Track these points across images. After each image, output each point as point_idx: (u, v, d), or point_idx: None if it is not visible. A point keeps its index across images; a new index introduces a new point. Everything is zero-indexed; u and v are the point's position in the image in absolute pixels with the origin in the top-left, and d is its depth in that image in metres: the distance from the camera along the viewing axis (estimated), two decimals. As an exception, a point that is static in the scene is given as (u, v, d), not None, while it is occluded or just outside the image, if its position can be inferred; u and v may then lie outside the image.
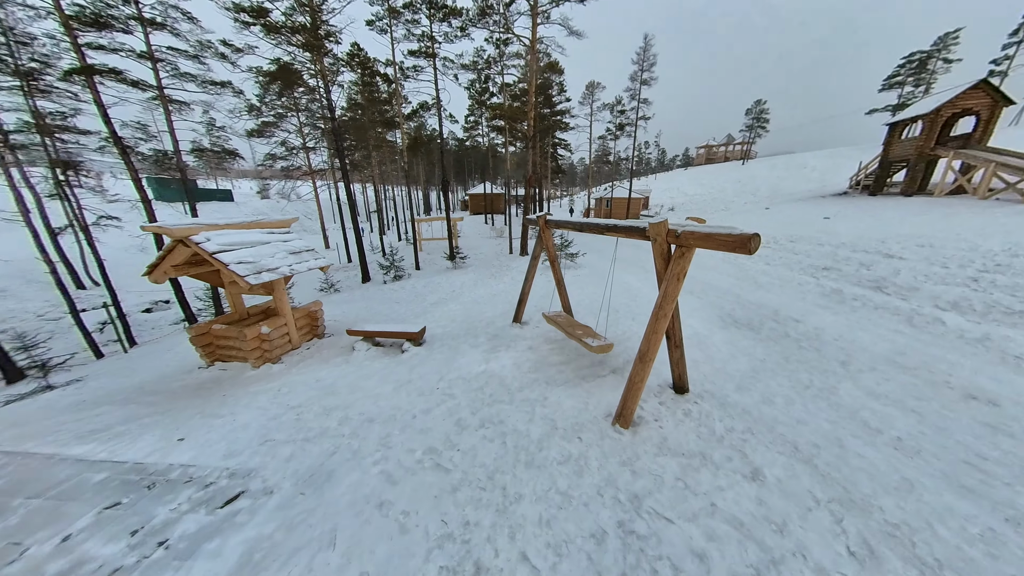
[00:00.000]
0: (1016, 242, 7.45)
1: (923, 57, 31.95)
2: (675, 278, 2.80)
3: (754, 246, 2.25)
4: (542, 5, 12.44)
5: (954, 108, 14.04)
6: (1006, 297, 5.54)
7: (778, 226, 13.36)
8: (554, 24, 12.69)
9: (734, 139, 51.56)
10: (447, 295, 9.02)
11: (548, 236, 5.09)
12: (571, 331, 4.26)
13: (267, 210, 38.97)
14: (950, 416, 3.20)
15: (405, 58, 14.58)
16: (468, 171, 53.88)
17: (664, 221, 2.82)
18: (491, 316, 6.55)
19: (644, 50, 20.44)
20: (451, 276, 12.20)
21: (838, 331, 5.08)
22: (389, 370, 4.60)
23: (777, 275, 8.26)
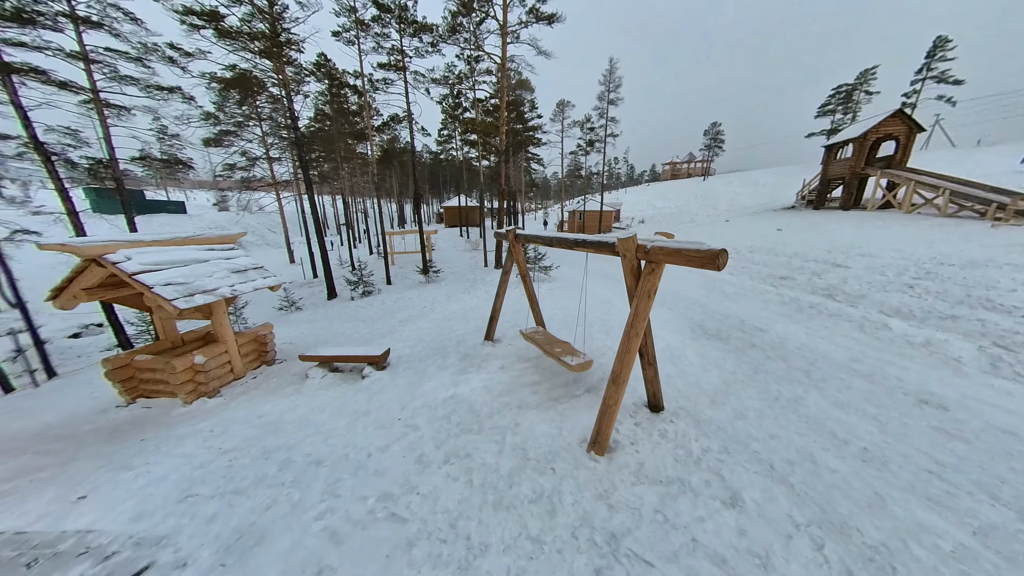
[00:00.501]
0: (940, 251, 8.25)
1: (848, 89, 36.22)
2: (646, 295, 2.70)
3: (722, 262, 2.19)
4: (511, 25, 12.76)
5: (878, 133, 15.80)
6: (939, 302, 6.03)
7: (739, 237, 14.16)
8: (523, 44, 13.03)
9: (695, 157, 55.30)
10: (417, 311, 8.60)
11: (518, 250, 4.94)
12: (549, 349, 4.07)
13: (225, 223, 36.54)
14: (908, 423, 3.29)
15: (375, 70, 14.37)
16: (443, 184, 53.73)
17: (633, 236, 2.74)
18: (462, 333, 6.25)
19: (610, 72, 21.57)
20: (423, 291, 11.76)
21: (800, 340, 5.25)
22: (346, 400, 4.16)
23: (741, 285, 8.61)
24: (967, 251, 7.92)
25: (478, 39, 13.18)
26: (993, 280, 6.45)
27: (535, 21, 12.70)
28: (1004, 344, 4.58)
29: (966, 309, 5.65)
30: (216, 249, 4.85)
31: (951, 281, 6.67)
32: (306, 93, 16.73)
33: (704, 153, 50.03)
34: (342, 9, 12.54)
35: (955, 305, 5.85)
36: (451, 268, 17.41)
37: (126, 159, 11.44)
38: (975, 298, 5.90)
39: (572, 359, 3.69)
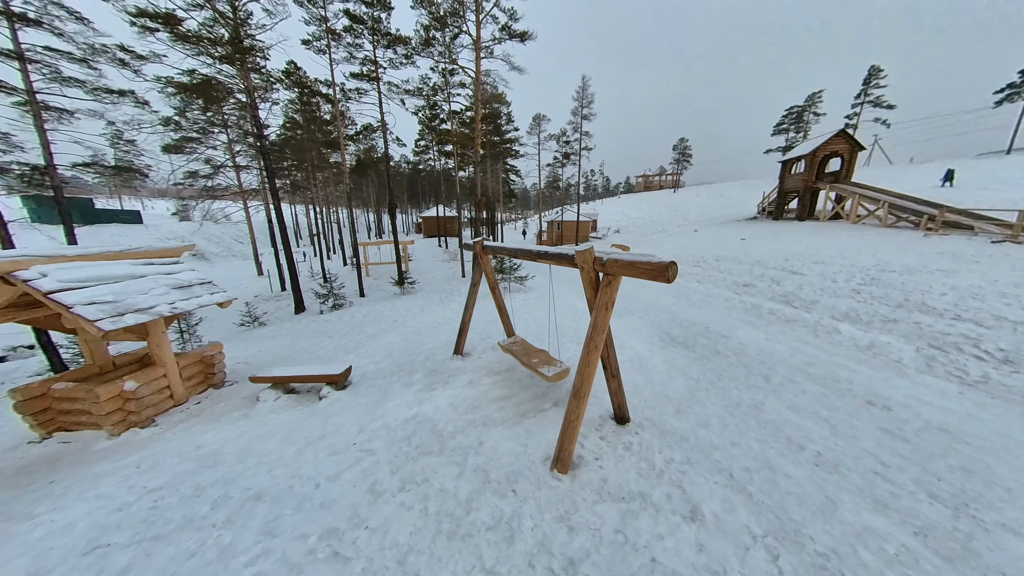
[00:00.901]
0: (882, 259, 8.95)
1: (799, 110, 39.53)
2: (604, 307, 2.69)
3: (671, 274, 2.21)
4: (485, 41, 13.03)
5: (825, 151, 17.20)
6: (882, 307, 6.47)
7: (707, 247, 14.81)
8: (497, 59, 13.31)
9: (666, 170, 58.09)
10: (388, 325, 8.30)
11: (486, 261, 4.88)
12: (526, 360, 3.98)
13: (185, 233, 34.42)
14: (856, 424, 3.43)
15: (347, 80, 14.18)
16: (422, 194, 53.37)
17: (590, 249, 2.73)
18: (433, 347, 6.05)
19: (583, 89, 22.43)
20: (397, 303, 11.43)
21: (760, 345, 5.45)
22: (298, 424, 3.87)
23: (707, 292, 8.93)
24: (904, 258, 8.63)
25: (452, 53, 13.34)
26: (927, 285, 7.03)
27: (508, 38, 13.04)
28: (937, 345, 4.95)
29: (905, 312, 6.09)
30: (156, 263, 4.46)
31: (892, 287, 7.22)
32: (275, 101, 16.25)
33: (674, 166, 52.66)
34: (312, 18, 12.37)
35: (895, 309, 6.30)
36: (427, 279, 17.09)
37: (67, 165, 10.57)
38: (912, 302, 6.38)
39: (549, 369, 3.62)
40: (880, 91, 34.50)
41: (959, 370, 4.25)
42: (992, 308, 5.75)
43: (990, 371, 4.14)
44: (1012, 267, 7.51)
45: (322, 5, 12.20)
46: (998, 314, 5.52)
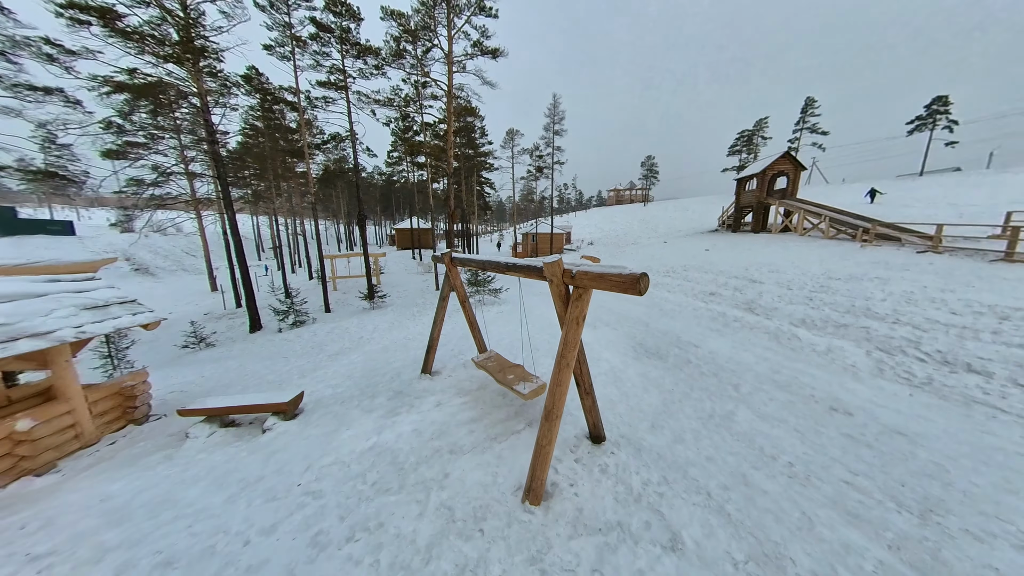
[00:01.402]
0: (828, 268, 9.65)
1: (749, 134, 43.35)
2: (575, 322, 2.54)
3: (643, 287, 2.10)
4: (457, 56, 13.12)
5: (773, 170, 18.75)
6: (833, 312, 6.89)
7: (676, 257, 15.44)
8: (469, 73, 13.43)
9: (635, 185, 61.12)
10: (352, 343, 7.75)
11: (455, 274, 4.64)
12: (501, 377, 3.73)
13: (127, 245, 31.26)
14: (822, 431, 3.48)
15: (313, 88, 13.69)
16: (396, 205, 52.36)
17: (558, 260, 2.60)
18: (400, 366, 5.64)
19: (554, 106, 23.22)
20: (365, 319, 10.79)
21: (728, 354, 5.56)
22: (234, 464, 3.35)
23: (678, 302, 9.18)
24: (847, 267, 9.36)
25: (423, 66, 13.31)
26: (869, 291, 7.61)
27: (480, 54, 13.23)
28: (884, 348, 5.27)
29: (852, 318, 6.50)
30: (63, 280, 3.82)
31: (839, 293, 7.74)
32: (233, 106, 15.36)
33: (643, 182, 55.52)
34: (275, 24, 11.90)
35: (844, 314, 6.72)
36: (400, 292, 16.46)
37: (-28, 169, 9.24)
38: (858, 308, 6.85)
39: (525, 386, 3.39)
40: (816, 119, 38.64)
41: (907, 372, 4.51)
42: (925, 312, 6.27)
43: (932, 373, 4.43)
44: (936, 274, 8.34)
45: (286, 11, 11.80)
46: (931, 318, 6.02)
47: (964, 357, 4.67)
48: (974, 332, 5.34)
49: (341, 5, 12.25)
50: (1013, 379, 4.06)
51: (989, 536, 2.23)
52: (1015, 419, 3.44)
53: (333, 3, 11.94)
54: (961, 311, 6.16)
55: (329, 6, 12.04)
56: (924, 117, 35.21)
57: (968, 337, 5.21)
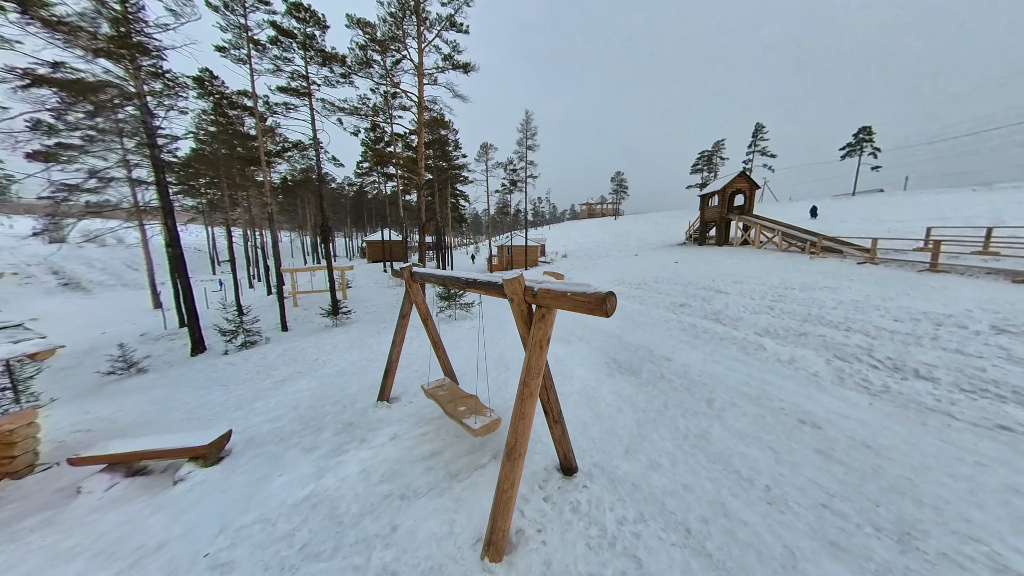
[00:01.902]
0: (784, 278, 10.19)
1: (709, 154, 46.71)
2: (538, 346, 2.27)
3: (610, 307, 1.88)
4: (428, 69, 13.03)
5: (732, 188, 20.06)
6: (792, 321, 7.15)
7: (648, 270, 15.84)
8: (441, 86, 13.35)
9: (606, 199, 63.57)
10: (306, 365, 7.02)
11: (416, 290, 4.27)
12: (452, 408, 3.34)
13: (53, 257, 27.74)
14: (794, 447, 3.40)
15: (273, 93, 12.98)
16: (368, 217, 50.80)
17: (519, 277, 2.34)
18: (355, 392, 5.09)
19: (527, 122, 23.74)
20: (325, 337, 9.97)
21: (699, 366, 5.53)
22: (130, 529, 2.70)
23: (649, 314, 9.24)
24: (800, 278, 9.93)
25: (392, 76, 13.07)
26: (821, 300, 8.03)
27: (451, 68, 13.22)
28: (841, 356, 5.46)
29: (810, 326, 6.77)
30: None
31: (796, 302, 8.12)
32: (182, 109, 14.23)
33: (613, 196, 57.86)
34: (229, 25, 11.22)
35: (803, 323, 7.00)
36: (368, 308, 15.56)
37: None
38: (814, 316, 7.16)
39: (476, 420, 3.03)
40: (765, 143, 42.40)
41: (864, 380, 4.64)
42: (871, 319, 6.65)
43: (887, 380, 4.58)
44: (876, 283, 9.02)
45: (242, 13, 11.18)
46: (878, 325, 6.37)
47: (911, 363, 4.90)
48: (916, 338, 5.68)
49: (305, 11, 11.83)
50: (957, 384, 4.26)
51: (967, 560, 2.14)
52: (966, 426, 3.55)
53: (296, 8, 11.50)
54: (902, 318, 6.59)
55: (291, 11, 11.58)
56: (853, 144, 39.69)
57: (911, 343, 5.52)
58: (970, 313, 6.24)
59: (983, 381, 4.23)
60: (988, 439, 3.33)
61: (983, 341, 5.21)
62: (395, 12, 11.26)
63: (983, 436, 3.38)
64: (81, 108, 12.69)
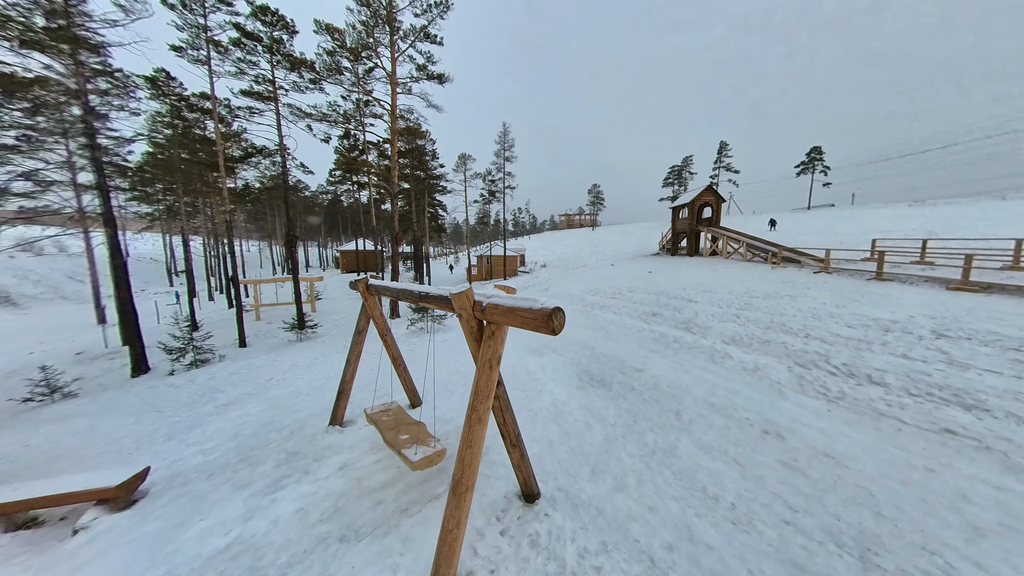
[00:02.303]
0: (749, 287, 10.61)
1: (678, 168, 49.16)
2: (487, 365, 2.08)
3: (556, 324, 1.73)
4: (402, 78, 12.92)
5: (700, 201, 21.02)
6: (756, 329, 7.37)
7: (622, 279, 16.11)
8: (415, 96, 13.25)
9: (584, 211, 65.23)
10: (257, 386, 6.45)
11: (372, 304, 4.00)
12: (393, 436, 3.06)
13: (-25, 271, 24.91)
14: (759, 459, 3.36)
15: (236, 96, 12.39)
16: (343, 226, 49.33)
17: (467, 291, 2.16)
18: (306, 415, 4.67)
19: (504, 135, 24.04)
20: (284, 354, 9.30)
21: (669, 377, 5.51)
22: (-11, 604, 2.22)
23: (622, 324, 9.30)
24: (763, 286, 10.37)
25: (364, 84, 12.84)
26: (782, 308, 8.37)
27: (425, 79, 13.18)
28: (801, 363, 5.62)
29: (773, 333, 6.99)
30: None
31: (760, 310, 8.42)
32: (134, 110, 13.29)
33: (590, 208, 59.44)
34: (186, 24, 10.66)
35: (766, 330, 7.22)
36: (337, 320, 14.83)
37: None
38: (776, 324, 7.43)
39: (416, 451, 2.77)
40: (729, 159, 45.20)
41: (823, 387, 4.76)
42: (827, 326, 6.96)
43: (843, 386, 4.72)
44: (831, 291, 9.55)
45: (201, 13, 10.68)
46: (833, 331, 6.67)
47: (864, 369, 5.10)
48: (867, 344, 5.96)
49: (272, 15, 11.48)
50: (906, 389, 4.44)
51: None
52: (915, 430, 3.66)
53: (262, 11, 11.12)
54: (854, 324, 6.94)
55: (257, 14, 11.19)
56: (806, 162, 43.05)
57: (864, 349, 5.78)
58: (913, 319, 6.66)
59: (928, 385, 4.44)
60: (936, 443, 3.44)
61: (926, 346, 5.54)
62: (366, 20, 11.13)
63: (931, 440, 3.49)
64: (16, 105, 11.57)
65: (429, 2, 11.18)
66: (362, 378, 5.43)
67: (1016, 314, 6.41)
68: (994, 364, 4.71)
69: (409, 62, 12.88)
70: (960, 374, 4.57)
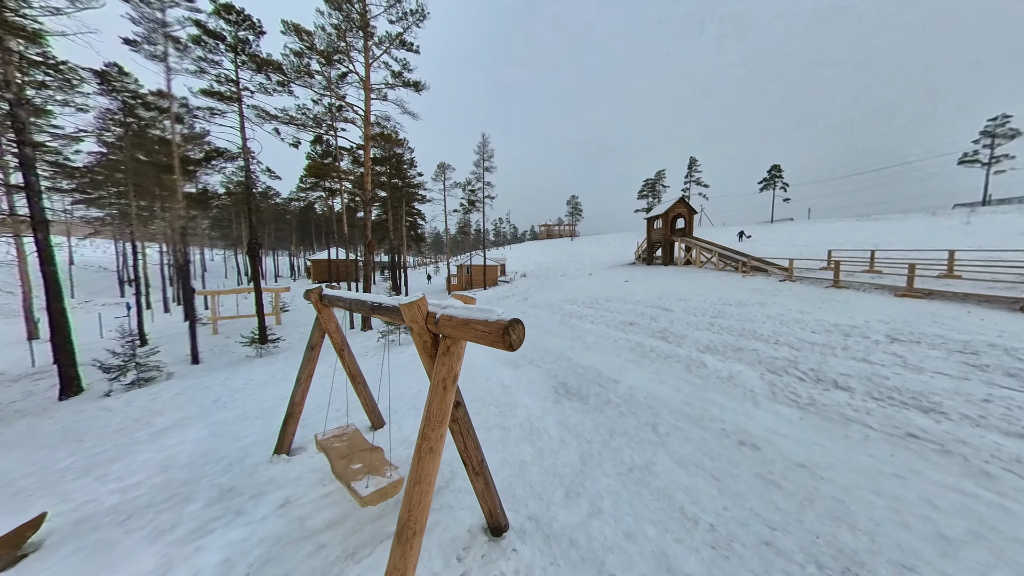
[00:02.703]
0: (722, 295, 10.92)
1: (652, 182, 51.27)
2: (441, 386, 1.84)
3: (515, 339, 1.53)
4: (377, 84, 12.67)
5: (673, 212, 21.82)
6: (729, 336, 7.50)
7: (600, 288, 16.25)
8: (391, 102, 13.01)
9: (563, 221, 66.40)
10: (202, 409, 5.79)
11: (326, 316, 3.65)
12: (343, 466, 2.71)
13: None
14: (736, 474, 3.26)
15: (196, 96, 11.67)
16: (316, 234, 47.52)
17: (419, 301, 1.93)
18: (251, 443, 4.17)
19: (483, 145, 24.15)
20: (239, 371, 8.54)
21: (646, 388, 5.42)
22: None
23: (600, 334, 9.25)
24: (735, 294, 10.70)
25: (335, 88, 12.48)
26: (753, 315, 8.62)
27: (401, 86, 13.00)
28: (772, 369, 5.70)
29: (745, 340, 7.12)
30: None
31: (732, 318, 8.62)
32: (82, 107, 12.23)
33: (569, 218, 60.61)
34: (141, 17, 9.99)
35: (738, 337, 7.36)
36: (303, 334, 13.95)
37: None
38: (748, 331, 7.59)
39: (368, 483, 2.45)
40: (699, 174, 47.66)
41: (794, 394, 4.80)
42: (794, 332, 7.19)
43: (812, 392, 4.78)
44: (795, 298, 9.99)
45: (159, 7, 10.05)
46: (800, 337, 6.87)
47: (830, 374, 5.22)
48: (831, 349, 6.16)
49: (237, 14, 10.99)
50: (869, 393, 4.55)
51: (904, 596, 2.02)
52: (881, 436, 3.71)
53: (225, 9, 10.63)
54: (818, 330, 7.21)
55: (220, 12, 10.67)
56: (768, 179, 46.08)
57: (828, 354, 5.96)
58: (869, 324, 6.99)
59: (888, 389, 4.57)
60: (901, 448, 3.47)
61: (883, 350, 5.77)
62: (338, 24, 10.88)
63: (897, 445, 3.52)
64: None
65: (405, 9, 11.10)
66: (320, 397, 4.98)
67: (954, 318, 6.87)
68: (943, 367, 4.94)
69: (384, 68, 12.69)
70: (915, 377, 4.74)
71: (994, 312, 6.93)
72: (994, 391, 4.06)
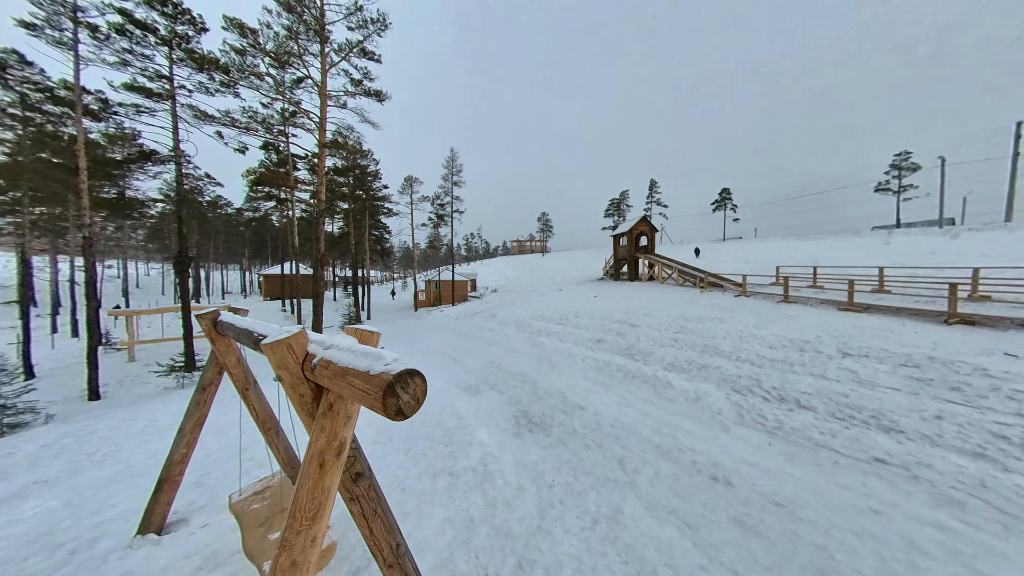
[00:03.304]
0: (684, 311, 11.10)
1: (617, 201, 53.86)
2: (317, 463, 1.26)
3: (407, 400, 1.02)
4: (335, 91, 12.03)
5: (637, 230, 22.68)
6: (693, 353, 7.45)
7: (570, 303, 16.14)
8: (350, 111, 12.38)
9: (534, 237, 67.49)
10: (70, 465, 4.54)
11: (227, 347, 2.91)
12: (259, 537, 1.99)
13: None
14: (712, 519, 2.89)
15: (118, 91, 10.30)
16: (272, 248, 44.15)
17: (293, 336, 1.37)
18: (115, 515, 3.19)
19: (452, 160, 23.94)
20: (146, 409, 7.10)
21: (612, 414, 5.05)
22: None
23: (568, 352, 8.92)
24: (695, 310, 10.93)
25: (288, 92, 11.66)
26: (713, 331, 8.72)
27: (362, 95, 12.46)
28: (737, 389, 5.60)
29: (708, 357, 7.08)
30: None
31: (694, 333, 8.66)
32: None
33: (540, 234, 61.73)
34: None
35: (701, 354, 7.32)
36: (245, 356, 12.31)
37: None
38: (710, 347, 7.59)
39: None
40: (659, 195, 50.82)
41: (760, 416, 4.65)
42: (753, 348, 7.27)
43: (778, 414, 4.66)
44: (751, 313, 10.36)
45: (69, -11, 8.83)
46: (759, 353, 6.93)
47: (792, 392, 5.18)
48: (789, 365, 6.22)
49: (172, 6, 10.00)
50: (831, 413, 4.50)
51: None
52: (851, 461, 3.57)
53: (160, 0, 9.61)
54: (775, 345, 7.35)
55: (151, 2, 9.64)
56: (719, 200, 50.16)
57: (787, 371, 5.99)
58: (820, 339, 7.23)
59: (848, 407, 4.54)
60: (872, 476, 3.32)
61: (836, 365, 5.89)
62: (290, 25, 10.24)
63: (867, 473, 3.37)
64: None
65: (365, 18, 10.73)
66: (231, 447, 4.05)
67: (892, 331, 7.32)
68: (893, 382, 5.06)
69: (343, 76, 12.11)
70: (871, 394, 4.79)
71: (924, 325, 7.49)
72: (944, 407, 4.13)
